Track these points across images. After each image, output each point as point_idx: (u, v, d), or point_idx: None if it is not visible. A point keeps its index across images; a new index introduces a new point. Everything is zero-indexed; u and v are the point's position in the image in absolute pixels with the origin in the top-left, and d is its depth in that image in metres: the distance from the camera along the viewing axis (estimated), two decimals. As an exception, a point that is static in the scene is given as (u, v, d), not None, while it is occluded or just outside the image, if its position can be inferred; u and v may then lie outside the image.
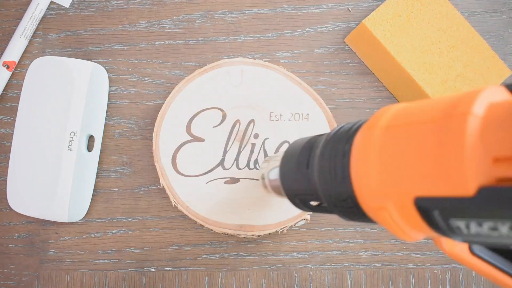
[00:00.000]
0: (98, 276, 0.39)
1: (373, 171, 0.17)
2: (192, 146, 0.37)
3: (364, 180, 0.18)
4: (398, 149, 0.16)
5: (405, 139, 0.16)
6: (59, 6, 0.40)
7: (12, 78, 0.40)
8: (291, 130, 0.37)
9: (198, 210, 0.36)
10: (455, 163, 0.14)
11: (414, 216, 0.16)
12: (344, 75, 0.41)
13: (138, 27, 0.40)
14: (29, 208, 0.37)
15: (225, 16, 0.40)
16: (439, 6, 0.38)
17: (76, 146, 0.38)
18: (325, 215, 0.39)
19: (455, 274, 0.40)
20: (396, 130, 0.17)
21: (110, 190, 0.39)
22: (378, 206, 0.17)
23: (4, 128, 0.39)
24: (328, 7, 0.41)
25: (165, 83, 0.40)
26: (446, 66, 0.37)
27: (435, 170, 0.14)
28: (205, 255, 0.39)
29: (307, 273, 0.39)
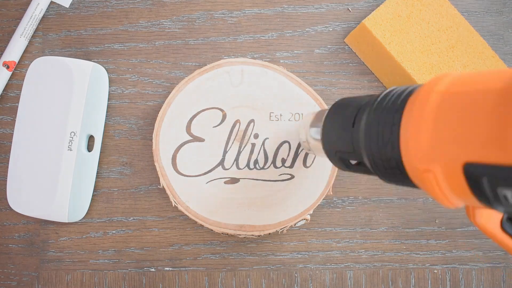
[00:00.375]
0: (98, 276, 0.39)
1: (425, 134, 0.17)
2: (192, 146, 0.37)
3: (414, 141, 0.18)
4: (454, 115, 0.16)
5: (463, 105, 0.16)
6: (59, 6, 0.40)
7: (12, 78, 0.40)
8: (291, 130, 0.37)
9: (198, 210, 0.36)
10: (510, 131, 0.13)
11: (461, 182, 0.16)
12: (344, 75, 0.41)
13: (138, 27, 0.40)
14: (29, 208, 0.37)
15: (225, 16, 0.40)
16: (439, 6, 0.38)
17: (76, 146, 0.38)
18: (327, 214, 0.39)
19: (455, 274, 0.40)
20: (454, 96, 0.17)
21: (110, 190, 0.39)
22: (424, 169, 0.17)
23: (4, 128, 0.39)
24: (328, 7, 0.41)
25: (165, 83, 0.40)
26: (446, 66, 0.37)
27: (490, 137, 0.14)
28: (205, 255, 0.39)
29: (307, 273, 0.39)
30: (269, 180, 0.37)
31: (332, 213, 0.40)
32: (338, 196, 0.40)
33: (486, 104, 0.15)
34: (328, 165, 0.37)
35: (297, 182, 0.37)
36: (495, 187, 0.14)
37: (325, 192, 0.37)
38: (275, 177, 0.37)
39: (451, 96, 0.17)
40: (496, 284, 0.40)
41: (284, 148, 0.37)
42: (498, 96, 0.15)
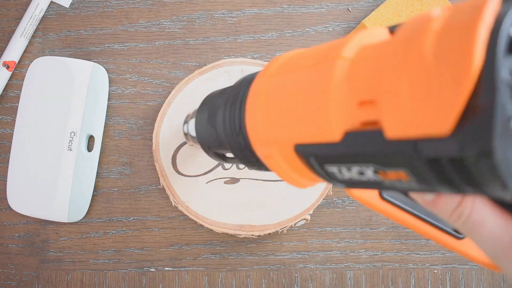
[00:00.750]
0: (98, 276, 0.39)
1: (260, 120, 0.17)
2: (192, 146, 0.37)
3: (253, 129, 0.18)
4: (280, 97, 0.16)
5: (286, 86, 0.16)
6: (59, 6, 0.40)
7: (12, 78, 0.40)
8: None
9: (198, 210, 0.36)
10: (322, 109, 0.13)
11: (298, 163, 0.16)
12: (344, 75, 0.41)
13: (138, 27, 0.40)
14: (29, 208, 0.37)
15: (225, 16, 0.41)
16: (439, 6, 0.38)
17: (76, 146, 0.38)
18: (327, 214, 0.39)
19: (455, 274, 0.40)
20: (280, 78, 0.16)
21: (110, 190, 0.39)
22: (265, 154, 0.17)
23: (4, 128, 0.39)
24: (328, 7, 0.41)
25: (165, 83, 0.40)
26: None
27: (307, 117, 0.14)
28: (205, 255, 0.39)
29: (307, 273, 0.39)
30: (269, 180, 0.37)
31: (332, 213, 0.40)
32: (338, 196, 0.40)
33: (302, 83, 0.15)
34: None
35: (297, 182, 0.37)
36: (322, 165, 0.14)
37: (325, 192, 0.37)
38: (275, 177, 0.37)
39: (277, 77, 0.17)
40: (496, 284, 0.40)
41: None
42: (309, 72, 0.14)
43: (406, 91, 0.11)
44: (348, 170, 0.14)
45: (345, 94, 0.13)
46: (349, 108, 0.13)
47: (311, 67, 0.15)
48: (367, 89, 0.12)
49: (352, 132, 0.13)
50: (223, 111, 0.21)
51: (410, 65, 0.11)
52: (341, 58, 0.13)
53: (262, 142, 0.17)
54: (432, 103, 0.10)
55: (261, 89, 0.17)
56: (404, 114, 0.11)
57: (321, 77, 0.14)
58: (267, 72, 0.18)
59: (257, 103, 0.17)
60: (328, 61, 0.14)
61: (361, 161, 0.13)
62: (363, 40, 0.14)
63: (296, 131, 0.15)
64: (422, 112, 0.10)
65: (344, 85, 0.13)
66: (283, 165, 0.17)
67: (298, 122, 0.15)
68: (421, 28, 0.11)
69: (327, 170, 0.14)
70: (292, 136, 0.15)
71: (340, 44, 0.14)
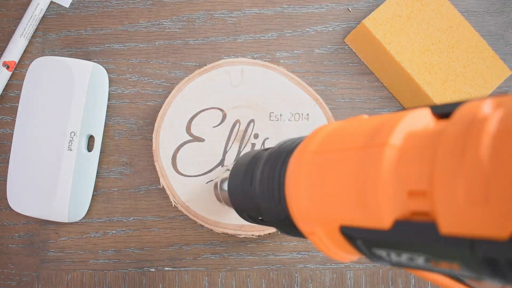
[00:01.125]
0: (98, 276, 0.39)
1: (303, 197, 0.17)
2: (192, 146, 0.37)
3: (295, 205, 0.18)
4: (324, 176, 0.16)
5: (330, 167, 0.16)
6: (59, 6, 0.40)
7: (12, 78, 0.40)
8: (291, 130, 0.37)
9: (198, 210, 0.36)
10: (371, 196, 0.13)
11: (342, 241, 0.16)
12: (344, 75, 0.41)
13: (138, 27, 0.40)
14: (29, 208, 0.37)
15: (225, 16, 0.40)
16: (439, 6, 0.38)
17: (76, 146, 0.38)
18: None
19: (455, 274, 0.40)
20: (323, 156, 0.16)
21: (110, 190, 0.39)
22: (308, 231, 0.17)
23: (4, 128, 0.39)
24: (328, 7, 0.41)
25: (165, 83, 0.40)
26: (446, 66, 0.37)
27: (354, 201, 0.14)
28: (205, 255, 0.39)
29: (307, 273, 0.39)
30: None
31: (332, 213, 0.39)
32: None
33: (348, 165, 0.15)
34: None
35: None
36: (370, 248, 0.14)
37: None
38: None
39: (321, 156, 0.17)
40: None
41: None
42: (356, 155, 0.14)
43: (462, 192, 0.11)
44: (398, 255, 0.14)
45: (394, 183, 0.13)
46: (399, 197, 0.13)
47: (357, 150, 0.15)
48: (417, 180, 0.12)
49: (403, 221, 0.13)
50: (260, 180, 0.21)
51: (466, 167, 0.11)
52: (389, 146, 0.13)
53: (304, 219, 0.17)
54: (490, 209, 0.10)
55: (303, 166, 0.17)
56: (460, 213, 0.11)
57: (369, 163, 0.14)
58: (308, 147, 0.18)
59: (299, 180, 0.17)
60: (375, 147, 0.14)
61: (412, 250, 0.13)
62: (409, 125, 0.14)
63: (342, 214, 0.15)
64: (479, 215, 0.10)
65: (393, 173, 0.13)
66: (327, 242, 0.17)
67: (344, 205, 0.15)
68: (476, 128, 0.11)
69: (374, 253, 0.15)
70: (337, 217, 0.15)
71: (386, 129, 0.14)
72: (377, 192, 0.13)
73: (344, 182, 0.15)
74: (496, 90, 0.41)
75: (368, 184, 0.14)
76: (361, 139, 0.15)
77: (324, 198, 0.16)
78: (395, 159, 0.13)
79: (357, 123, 0.16)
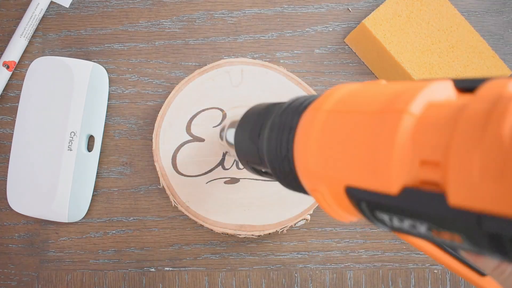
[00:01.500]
0: (98, 276, 0.39)
1: (311, 154, 0.17)
2: (192, 146, 0.37)
3: (302, 160, 0.18)
4: (336, 136, 0.16)
5: (344, 127, 0.16)
6: (59, 6, 0.40)
7: (12, 78, 0.40)
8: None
9: (198, 210, 0.36)
10: (383, 161, 0.14)
11: (346, 202, 0.16)
12: (344, 75, 0.41)
13: (138, 27, 0.40)
14: (29, 208, 0.37)
15: (225, 16, 0.40)
16: (439, 6, 0.38)
17: (76, 146, 0.38)
18: (327, 214, 0.39)
19: (455, 274, 0.40)
20: (338, 116, 0.17)
21: (110, 190, 0.39)
22: (312, 188, 0.17)
23: (4, 128, 0.39)
24: (328, 7, 0.41)
25: (165, 83, 0.40)
26: (446, 66, 0.37)
27: (365, 163, 0.14)
28: (205, 255, 0.39)
29: (307, 273, 0.39)
30: (269, 180, 0.37)
31: (332, 213, 0.39)
32: (338, 196, 0.40)
33: (363, 128, 0.15)
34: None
35: (297, 182, 0.37)
36: (373, 211, 0.15)
37: (325, 192, 0.36)
38: (275, 177, 0.37)
39: (336, 115, 0.17)
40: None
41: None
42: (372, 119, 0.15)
43: (477, 167, 0.11)
44: (400, 221, 0.14)
45: (409, 151, 0.13)
46: (411, 164, 0.13)
47: (374, 114, 0.15)
48: (432, 150, 0.13)
49: (411, 189, 0.13)
50: (269, 132, 0.21)
51: (485, 143, 0.11)
52: (407, 113, 0.13)
53: (310, 175, 0.18)
54: (504, 185, 0.10)
55: (316, 123, 0.17)
56: (471, 187, 0.11)
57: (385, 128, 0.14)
58: (323, 105, 0.18)
59: (310, 136, 0.17)
60: (394, 113, 0.14)
61: (416, 217, 0.13)
62: (430, 96, 0.14)
63: (350, 174, 0.15)
64: (491, 191, 0.11)
65: (408, 141, 0.13)
66: (329, 200, 0.17)
67: (354, 165, 0.15)
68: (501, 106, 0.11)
69: (377, 216, 0.15)
70: (345, 177, 0.15)
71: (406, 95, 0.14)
72: (390, 157, 0.13)
73: (356, 143, 0.15)
74: (496, 90, 0.41)
75: (382, 148, 0.14)
76: (379, 103, 0.15)
77: (333, 156, 0.16)
78: (412, 127, 0.13)
79: (376, 87, 0.16)
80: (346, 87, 0.18)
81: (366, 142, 0.15)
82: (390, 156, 0.13)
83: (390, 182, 0.13)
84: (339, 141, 0.16)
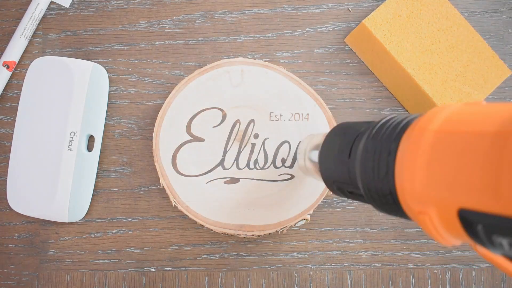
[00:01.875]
0: (98, 276, 0.39)
1: (419, 175, 0.17)
2: (192, 146, 0.37)
3: (409, 182, 0.17)
4: (448, 156, 0.16)
5: (457, 147, 0.16)
6: (59, 6, 0.40)
7: (12, 78, 0.40)
8: (291, 130, 0.37)
9: (198, 210, 0.36)
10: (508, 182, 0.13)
11: (456, 225, 0.15)
12: (344, 75, 0.41)
13: (138, 27, 0.40)
14: (29, 208, 0.37)
15: (225, 16, 0.40)
16: (439, 6, 0.38)
17: (76, 146, 0.38)
18: (327, 214, 0.39)
19: (455, 274, 0.40)
20: (448, 136, 0.16)
21: (110, 190, 0.39)
22: (419, 210, 0.17)
23: (4, 128, 0.39)
24: (328, 7, 0.41)
25: (165, 83, 0.40)
26: (446, 66, 0.37)
27: (484, 184, 0.14)
28: (205, 255, 0.39)
29: (307, 273, 0.39)
30: (269, 180, 0.37)
31: (332, 213, 0.40)
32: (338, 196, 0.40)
33: (480, 149, 0.15)
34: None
35: (297, 182, 0.37)
36: (490, 235, 0.14)
37: (325, 192, 0.37)
38: (275, 177, 0.37)
39: (445, 136, 0.16)
40: (496, 284, 0.40)
41: (284, 148, 0.37)
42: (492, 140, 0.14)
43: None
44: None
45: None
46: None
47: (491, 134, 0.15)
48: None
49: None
50: (364, 153, 0.21)
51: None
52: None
53: (418, 197, 0.17)
54: None
55: (424, 143, 0.17)
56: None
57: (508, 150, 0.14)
58: (429, 125, 0.17)
59: (417, 157, 0.17)
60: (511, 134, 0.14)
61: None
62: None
63: (465, 196, 0.15)
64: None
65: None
66: (437, 224, 0.16)
67: (471, 187, 0.15)
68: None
69: (494, 240, 0.14)
70: (459, 200, 0.15)
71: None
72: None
73: (473, 164, 0.15)
74: (496, 90, 0.41)
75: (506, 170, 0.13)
76: (496, 123, 0.15)
77: (446, 178, 0.16)
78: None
79: (483, 108, 0.16)
80: (449, 108, 0.18)
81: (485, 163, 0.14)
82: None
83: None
84: (451, 161, 0.15)
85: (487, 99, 0.41)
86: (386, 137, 0.20)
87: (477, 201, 0.14)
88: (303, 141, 0.32)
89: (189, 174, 0.36)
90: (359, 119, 0.40)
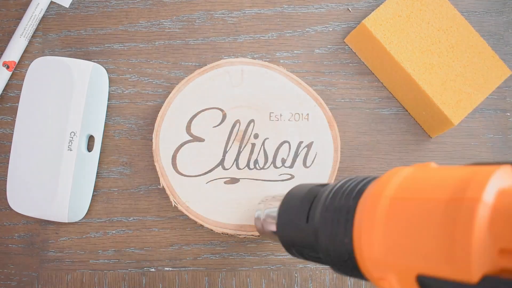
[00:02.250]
0: (98, 276, 0.39)
1: (377, 242, 0.17)
2: (192, 146, 0.37)
3: (367, 249, 0.18)
4: (404, 223, 0.16)
5: (412, 214, 0.16)
6: (59, 6, 0.40)
7: (12, 78, 0.40)
8: (291, 130, 0.37)
9: (198, 210, 0.36)
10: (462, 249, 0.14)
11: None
12: (344, 75, 0.41)
13: (138, 27, 0.40)
14: (29, 208, 0.37)
15: (225, 16, 0.41)
16: (439, 6, 0.38)
17: (76, 146, 0.38)
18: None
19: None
20: (403, 203, 0.17)
21: (110, 190, 0.39)
22: (379, 277, 0.17)
23: (4, 128, 0.39)
24: (328, 7, 0.41)
25: (165, 83, 0.40)
26: (446, 66, 0.37)
27: (440, 251, 0.14)
28: (205, 255, 0.39)
29: (307, 273, 0.39)
30: (269, 180, 0.37)
31: (332, 213, 0.39)
32: (338, 196, 0.40)
33: (434, 216, 0.15)
34: (328, 165, 0.37)
35: (297, 182, 0.37)
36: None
37: (325, 192, 0.37)
38: (275, 177, 0.37)
39: (401, 202, 0.17)
40: None
41: (284, 148, 0.37)
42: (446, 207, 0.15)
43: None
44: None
45: (486, 240, 0.13)
46: (489, 253, 0.13)
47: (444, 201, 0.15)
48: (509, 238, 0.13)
49: (491, 277, 0.13)
50: (322, 219, 0.21)
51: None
52: (482, 202, 0.14)
53: (376, 264, 0.17)
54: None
55: (380, 210, 0.17)
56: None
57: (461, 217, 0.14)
58: (384, 192, 0.18)
59: (374, 224, 0.17)
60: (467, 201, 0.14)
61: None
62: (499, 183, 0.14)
63: (423, 262, 0.15)
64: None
65: (486, 229, 0.13)
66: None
67: (427, 253, 0.15)
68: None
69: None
70: (417, 265, 0.15)
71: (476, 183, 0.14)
72: (469, 246, 0.13)
73: (428, 231, 0.15)
74: (496, 90, 0.41)
75: (459, 237, 0.14)
76: (447, 190, 0.15)
77: (403, 244, 0.16)
78: (487, 216, 0.14)
79: (437, 174, 0.17)
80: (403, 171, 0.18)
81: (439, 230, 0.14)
82: (469, 245, 0.13)
83: (470, 270, 0.13)
84: (408, 228, 0.16)
85: (487, 99, 0.41)
86: (343, 202, 0.20)
87: (434, 267, 0.15)
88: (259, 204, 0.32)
89: (189, 174, 0.36)
90: (359, 119, 0.40)
